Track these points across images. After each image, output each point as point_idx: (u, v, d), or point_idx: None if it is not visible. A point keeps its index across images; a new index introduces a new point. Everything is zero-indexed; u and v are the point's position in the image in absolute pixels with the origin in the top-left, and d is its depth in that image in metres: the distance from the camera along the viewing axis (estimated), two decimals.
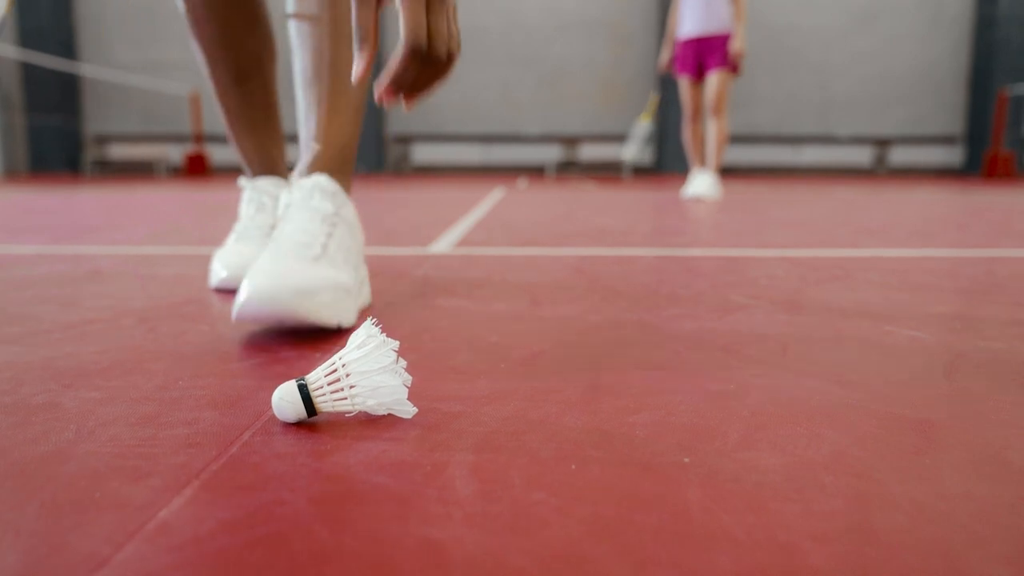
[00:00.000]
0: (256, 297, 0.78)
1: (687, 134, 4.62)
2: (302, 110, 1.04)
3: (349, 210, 0.95)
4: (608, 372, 0.68)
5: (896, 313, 0.96)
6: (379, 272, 1.35)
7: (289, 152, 9.30)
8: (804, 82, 13.57)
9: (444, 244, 1.78)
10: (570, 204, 3.70)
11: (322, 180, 0.94)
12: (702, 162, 4.65)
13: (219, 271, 1.14)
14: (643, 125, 4.94)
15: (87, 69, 12.09)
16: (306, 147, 1.02)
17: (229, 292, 1.12)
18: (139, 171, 13.90)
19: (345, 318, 0.84)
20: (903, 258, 1.55)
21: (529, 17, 13.45)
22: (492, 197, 4.43)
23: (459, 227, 2.27)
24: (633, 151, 4.97)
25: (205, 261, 1.49)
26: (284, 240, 0.88)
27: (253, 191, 1.25)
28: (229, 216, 2.75)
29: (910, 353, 0.76)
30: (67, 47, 13.38)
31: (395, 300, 1.05)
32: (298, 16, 1.03)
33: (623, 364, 0.71)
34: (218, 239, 1.91)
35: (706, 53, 4.35)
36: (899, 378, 0.67)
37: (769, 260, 1.50)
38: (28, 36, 12.95)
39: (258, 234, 1.20)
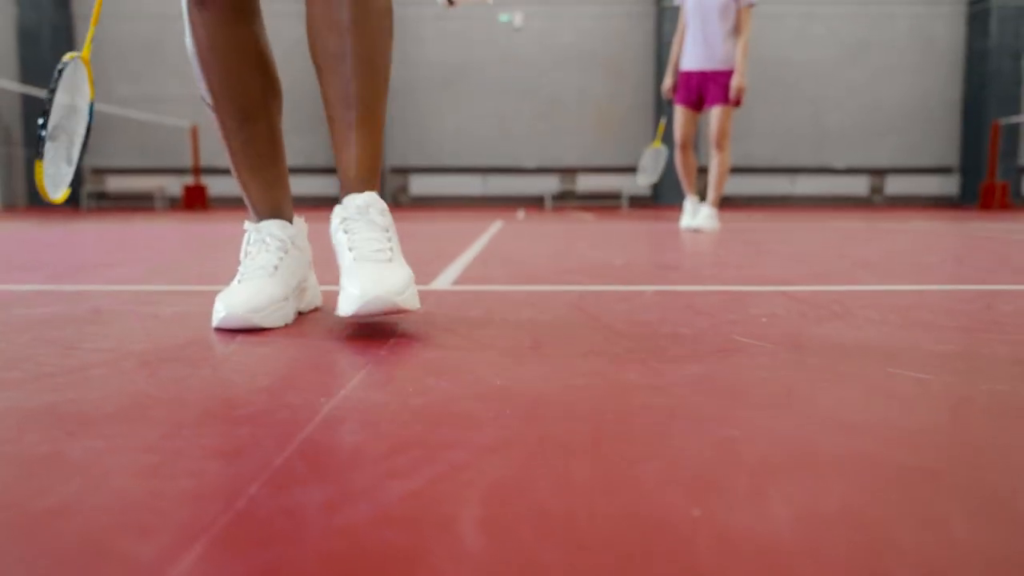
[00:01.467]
0: (368, 298, 1.02)
1: (678, 162, 4.64)
2: (335, 135, 1.21)
3: (390, 216, 1.18)
4: (613, 418, 0.68)
5: (898, 353, 0.96)
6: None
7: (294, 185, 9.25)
8: (799, 114, 13.71)
9: (445, 280, 1.78)
10: (569, 237, 3.72)
11: (373, 198, 1.16)
12: (694, 188, 4.66)
13: (220, 310, 1.14)
14: (656, 151, 4.96)
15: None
16: (348, 167, 1.18)
17: (230, 332, 1.12)
18: (138, 203, 13.95)
19: (418, 303, 1.09)
20: (902, 293, 1.56)
21: (525, 51, 13.61)
22: (491, 230, 4.44)
23: (459, 262, 2.28)
24: (648, 179, 5.00)
25: (205, 299, 1.49)
26: (365, 250, 1.10)
27: (256, 234, 1.26)
28: (228, 251, 2.75)
29: (914, 397, 0.76)
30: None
31: (398, 342, 1.05)
32: (322, 58, 1.18)
33: (628, 409, 0.71)
34: (218, 275, 1.91)
35: (707, 87, 4.39)
36: (905, 424, 0.67)
37: (769, 296, 1.51)
38: (29, 70, 13.08)
39: (261, 274, 1.20)
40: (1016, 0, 12.83)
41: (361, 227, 1.12)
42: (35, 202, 13.32)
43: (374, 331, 1.11)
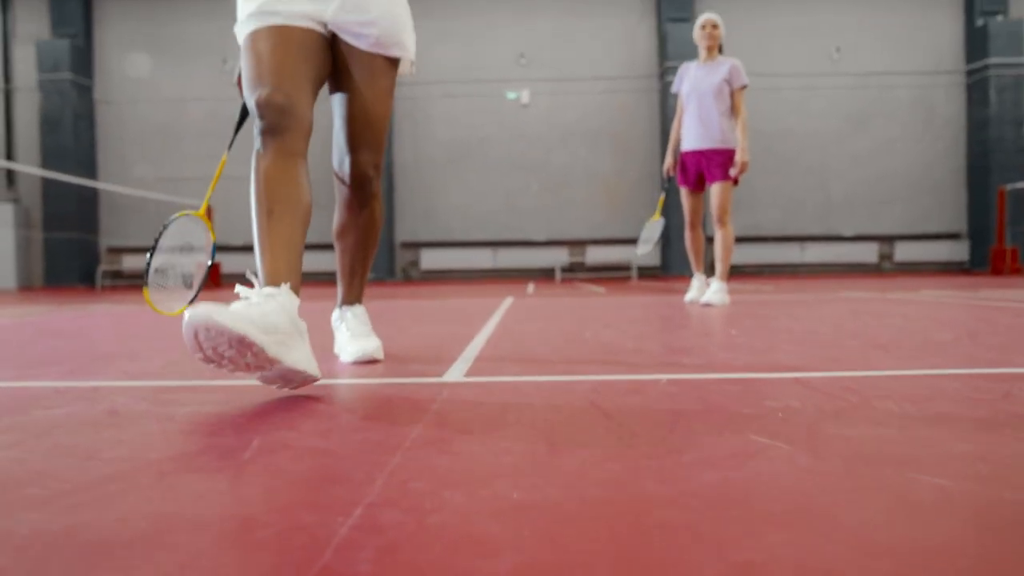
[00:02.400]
0: (360, 355, 1.92)
1: (688, 240, 4.78)
2: (342, 273, 2.10)
3: (366, 312, 2.10)
4: (631, 538, 0.68)
5: (918, 454, 0.95)
6: (396, 406, 1.35)
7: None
8: (805, 183, 13.87)
9: (457, 371, 1.79)
10: (580, 315, 3.73)
11: (360, 308, 2.09)
12: (702, 267, 4.78)
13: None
14: (656, 223, 5.05)
15: (105, 185, 12.47)
16: (348, 292, 2.08)
17: (245, 434, 1.12)
18: None
19: (383, 355, 1.99)
20: (917, 379, 1.55)
21: (532, 127, 13.91)
22: (502, 307, 4.46)
23: (471, 348, 2.28)
24: (646, 249, 5.09)
25: (217, 395, 1.50)
26: (356, 331, 2.01)
27: (267, 305, 1.47)
28: None
29: (937, 509, 0.75)
30: (88, 165, 13.84)
31: (412, 444, 1.05)
32: (341, 241, 2.08)
33: (646, 527, 0.71)
34: None
35: (707, 166, 4.54)
36: (929, 543, 0.66)
37: (783, 385, 1.50)
38: (50, 155, 13.43)
39: (297, 332, 1.54)
40: (1013, 69, 13.09)
41: (352, 322, 2.05)
42: (51, 282, 13.50)
43: (390, 433, 1.12)
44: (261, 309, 1.38)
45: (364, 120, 1.85)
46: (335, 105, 1.90)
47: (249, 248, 13.69)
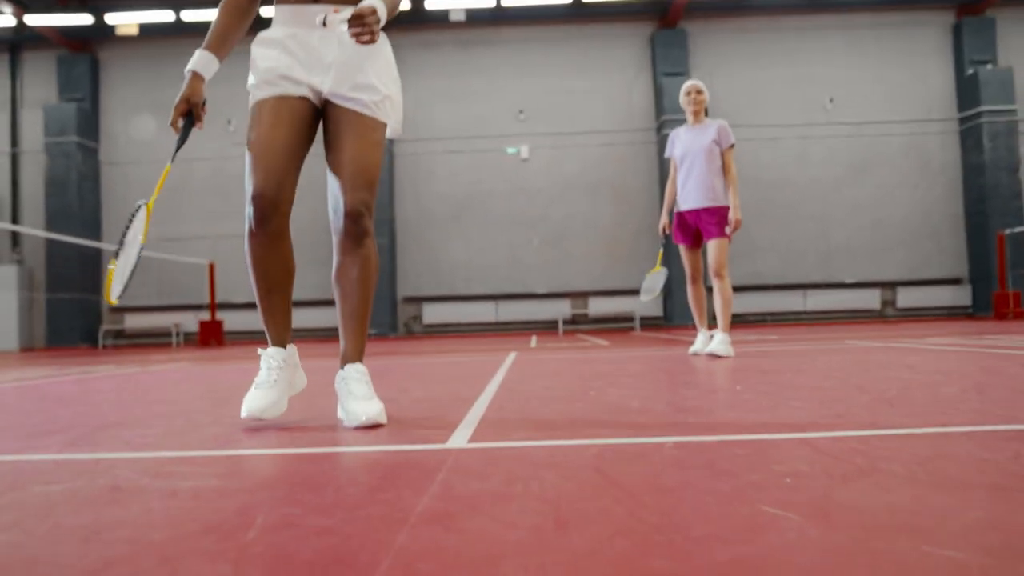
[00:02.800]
0: (363, 420, 1.90)
1: (690, 295, 4.86)
2: (341, 326, 2.09)
3: (368, 373, 2.07)
4: None
5: (929, 523, 0.94)
6: (400, 476, 1.34)
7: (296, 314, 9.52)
8: (805, 231, 13.96)
9: (462, 437, 1.77)
10: (583, 370, 3.71)
11: (361, 367, 2.06)
12: (705, 321, 4.88)
13: (243, 411, 2.01)
14: (658, 273, 5.12)
15: (109, 246, 12.55)
16: (347, 349, 2.07)
17: (252, 511, 1.11)
18: (154, 340, 14.11)
19: (385, 419, 1.98)
20: (925, 438, 1.53)
21: (532, 181, 14.07)
22: (505, 363, 4.45)
23: (476, 408, 2.27)
24: (649, 297, 5.17)
25: (220, 467, 1.48)
26: (358, 394, 1.98)
27: (267, 358, 2.11)
28: (240, 404, 2.77)
29: None
30: (92, 226, 13.98)
31: (418, 520, 1.03)
32: (339, 287, 2.10)
33: None
34: (230, 437, 1.91)
35: (702, 223, 4.66)
36: None
37: (791, 447, 1.49)
38: (55, 217, 13.57)
39: (268, 382, 2.06)
40: (1005, 116, 13.28)
41: (354, 384, 2.01)
42: (53, 343, 13.51)
43: (395, 507, 1.10)
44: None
45: (355, 167, 2.01)
46: (329, 161, 2.07)
47: (249, 306, 13.71)
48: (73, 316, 13.50)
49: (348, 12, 1.89)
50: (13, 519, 1.13)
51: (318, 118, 2.10)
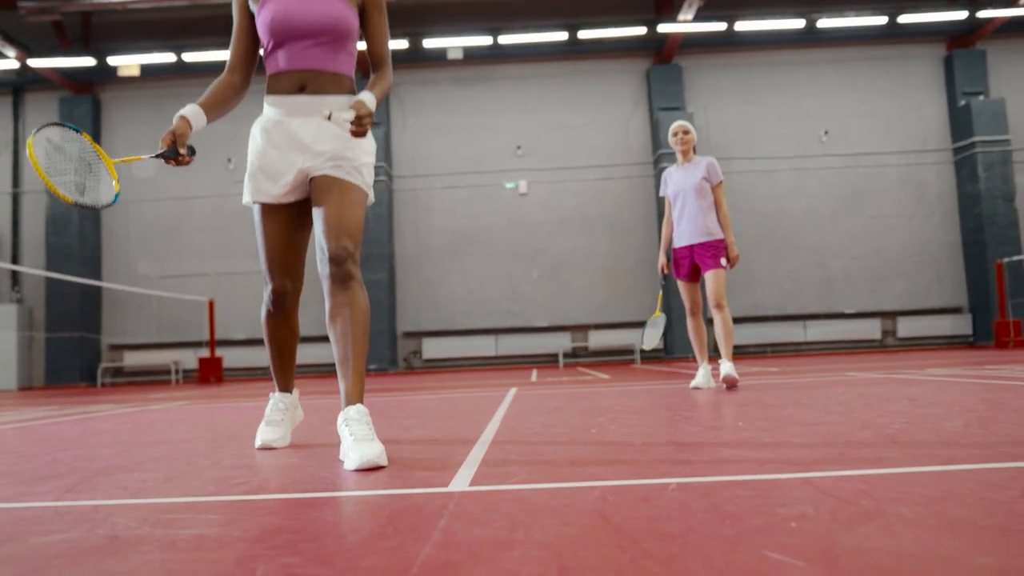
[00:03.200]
0: (363, 461, 1.91)
1: (690, 328, 4.91)
2: (339, 369, 2.17)
3: (368, 414, 2.12)
4: None
5: (937, 570, 0.93)
6: (401, 522, 1.33)
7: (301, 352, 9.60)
8: (803, 262, 14.00)
9: (463, 478, 1.76)
10: (584, 406, 3.70)
11: (362, 408, 2.11)
12: (706, 355, 4.94)
13: (257, 441, 2.51)
14: (658, 319, 5.20)
15: (109, 284, 12.58)
16: (347, 391, 2.13)
17: (249, 564, 1.10)
18: (154, 377, 14.06)
19: (386, 461, 2.00)
20: (930, 476, 1.52)
21: (530, 215, 14.14)
22: (505, 401, 4.43)
23: (477, 449, 2.26)
24: (652, 343, 5.25)
25: (220, 514, 1.47)
26: (359, 435, 2.00)
27: (276, 400, 2.60)
28: (241, 445, 2.75)
29: None
30: (92, 264, 14.01)
31: (420, 570, 1.02)
32: (332, 331, 2.20)
33: None
34: (230, 481, 1.90)
35: (698, 257, 4.78)
36: None
37: (795, 487, 1.48)
38: (55, 256, 13.61)
39: (276, 420, 2.55)
40: (999, 146, 13.39)
41: (355, 425, 2.05)
42: (52, 381, 13.45)
43: (397, 557, 1.09)
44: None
45: (337, 217, 2.19)
46: (316, 219, 2.25)
47: (247, 342, 13.68)
48: (72, 355, 13.46)
49: (350, 113, 2.09)
50: (11, 573, 1.11)
51: (305, 206, 2.38)
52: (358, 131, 2.09)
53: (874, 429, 2.34)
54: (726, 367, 4.52)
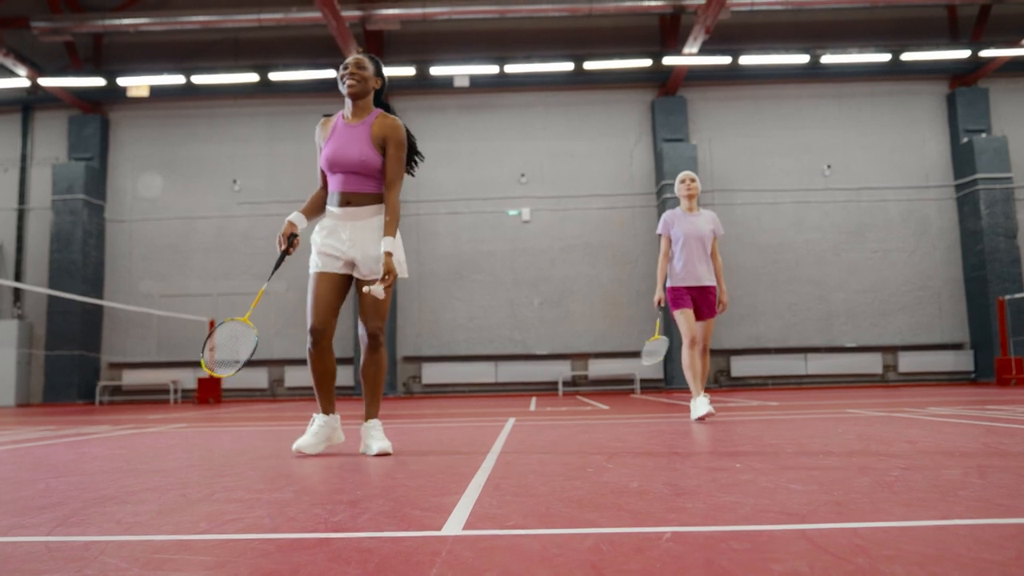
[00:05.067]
0: (380, 448, 3.18)
1: (687, 361, 5.09)
2: (365, 397, 3.35)
3: (381, 425, 3.34)
4: None
5: None
6: (393, 569, 1.32)
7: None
8: (805, 295, 14.00)
9: (457, 520, 1.75)
10: (581, 441, 3.68)
11: (377, 421, 3.33)
12: (701, 386, 5.07)
13: (294, 447, 3.25)
14: (658, 341, 5.33)
15: (110, 303, 12.59)
16: (368, 413, 3.32)
17: None
18: (152, 396, 14.02)
19: (391, 449, 3.26)
20: (927, 531, 1.51)
21: (533, 242, 14.18)
22: (503, 433, 4.41)
23: (471, 489, 2.25)
24: (652, 361, 5.42)
25: (213, 552, 1.46)
26: (376, 436, 3.26)
27: (316, 420, 3.32)
28: (236, 476, 2.74)
29: None
30: (94, 282, 14.04)
31: None
32: (362, 377, 3.36)
33: None
34: (225, 516, 1.89)
35: (703, 300, 5.10)
36: None
37: (789, 540, 1.47)
38: (58, 272, 13.64)
39: (313, 433, 3.27)
40: (1001, 183, 13.44)
41: (373, 430, 3.28)
42: (50, 398, 13.42)
43: None
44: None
45: (371, 309, 3.25)
46: (360, 302, 3.25)
47: (246, 363, 13.63)
48: (71, 372, 13.44)
49: (379, 288, 3.10)
50: None
51: (350, 280, 3.34)
52: (388, 288, 3.17)
53: (872, 475, 2.33)
54: (707, 401, 4.96)
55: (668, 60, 13.20)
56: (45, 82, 13.25)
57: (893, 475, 2.33)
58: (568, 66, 13.46)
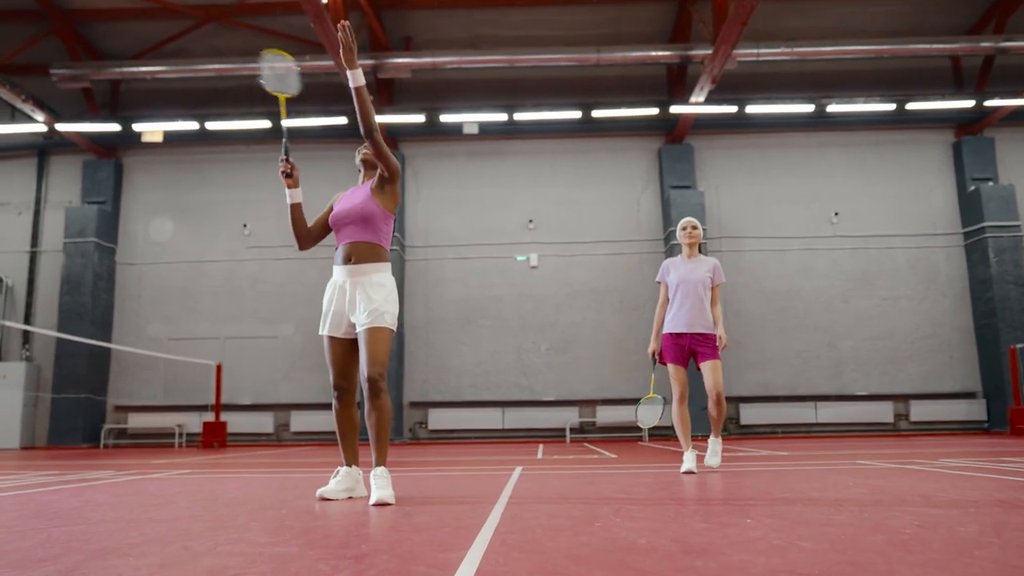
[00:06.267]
0: (382, 499, 3.18)
1: (677, 416, 4.99)
2: (372, 443, 3.39)
3: (388, 473, 3.36)
4: None
5: None
6: None
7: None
8: (813, 342, 13.92)
9: None
10: (589, 493, 3.63)
11: (384, 469, 3.35)
12: (689, 440, 5.00)
13: (318, 493, 3.46)
14: (654, 399, 5.25)
15: (118, 347, 12.62)
16: (376, 455, 3.37)
17: None
18: (158, 440, 13.95)
19: (394, 500, 3.25)
20: None
21: (540, 287, 14.20)
22: (510, 483, 4.36)
23: (479, 540, 2.21)
24: (649, 423, 5.32)
25: None
26: (381, 483, 3.27)
27: (339, 471, 3.53)
28: (239, 527, 2.71)
29: None
30: (103, 324, 14.09)
31: None
32: (368, 423, 3.42)
33: None
34: (226, 571, 1.86)
35: (698, 346, 4.95)
36: None
37: None
38: (67, 314, 13.70)
39: (336, 481, 3.49)
40: (1010, 231, 13.44)
41: (379, 479, 3.28)
42: (54, 441, 13.36)
43: None
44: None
45: (370, 356, 3.37)
46: (360, 353, 3.42)
47: (252, 407, 13.63)
48: (76, 415, 13.40)
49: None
50: None
51: (355, 341, 3.53)
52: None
53: (886, 533, 2.28)
54: (715, 451, 4.94)
55: (675, 109, 13.36)
56: (62, 127, 13.48)
57: (907, 533, 2.28)
58: (576, 114, 13.63)
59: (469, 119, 13.76)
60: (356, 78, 3.34)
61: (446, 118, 13.63)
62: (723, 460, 5.60)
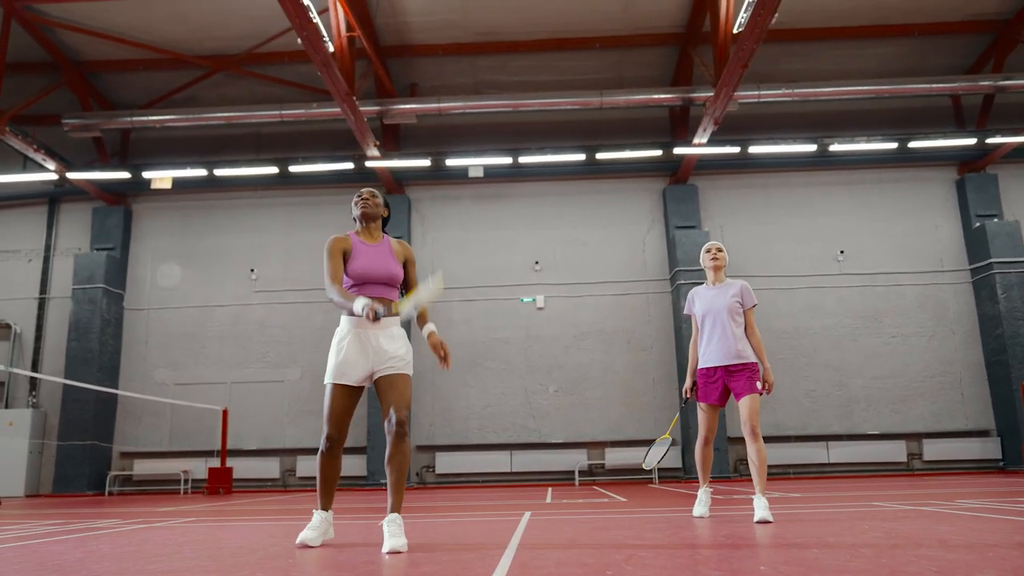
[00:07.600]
0: (395, 547, 3.19)
1: (700, 453, 4.81)
2: (390, 487, 3.45)
3: (401, 519, 3.38)
4: None
5: None
6: None
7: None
8: (823, 381, 13.81)
9: None
10: (599, 539, 3.57)
11: (398, 515, 3.37)
12: (707, 478, 4.85)
13: (298, 540, 3.53)
14: (665, 441, 5.17)
15: (125, 393, 12.60)
16: (392, 505, 3.39)
17: None
18: (162, 485, 13.84)
19: (407, 548, 3.27)
20: None
21: (547, 329, 14.16)
22: (519, 530, 4.30)
23: None
24: (653, 463, 5.24)
25: None
26: (394, 530, 3.29)
27: (317, 515, 3.60)
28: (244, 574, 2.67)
29: None
30: (110, 370, 14.09)
31: None
32: (388, 467, 3.48)
33: None
34: None
35: (732, 381, 4.61)
36: None
37: None
38: (74, 360, 13.71)
39: (314, 527, 3.55)
40: (1017, 267, 13.40)
41: (393, 526, 3.30)
42: (59, 489, 13.26)
43: None
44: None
45: (400, 399, 3.52)
46: (382, 399, 3.54)
47: (258, 452, 13.54)
48: (82, 462, 13.31)
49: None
50: None
51: (361, 391, 3.64)
52: (447, 360, 3.71)
53: None
54: (761, 508, 4.35)
55: (678, 150, 13.45)
56: (73, 176, 13.65)
57: None
58: (580, 157, 13.74)
59: (474, 163, 13.88)
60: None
61: (451, 162, 13.76)
62: (735, 502, 5.44)
